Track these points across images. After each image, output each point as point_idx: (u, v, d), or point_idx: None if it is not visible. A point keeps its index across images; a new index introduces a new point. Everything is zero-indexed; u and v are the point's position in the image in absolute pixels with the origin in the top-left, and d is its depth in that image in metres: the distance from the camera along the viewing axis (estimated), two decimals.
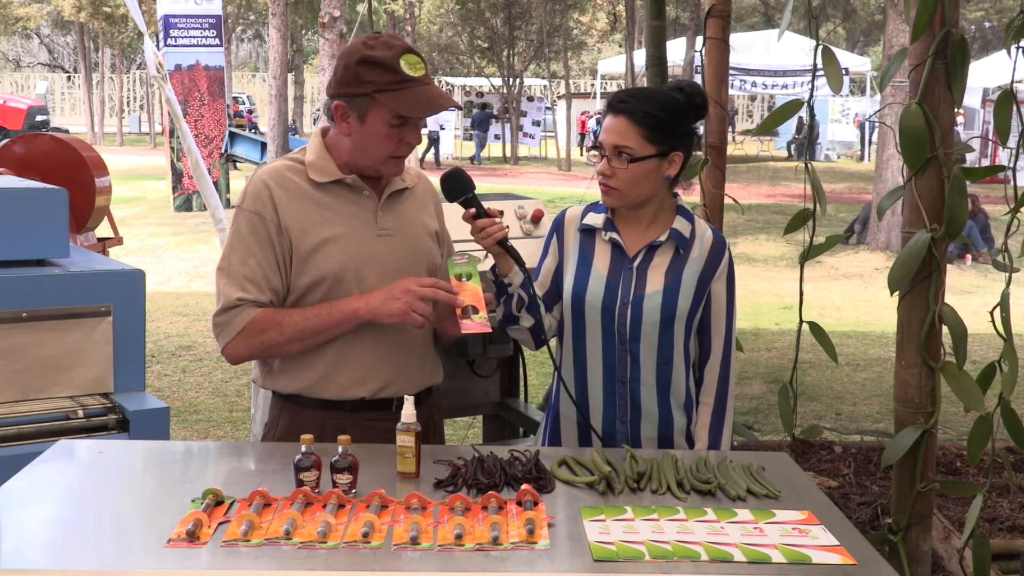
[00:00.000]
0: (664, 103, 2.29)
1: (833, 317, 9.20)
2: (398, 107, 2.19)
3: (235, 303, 2.23)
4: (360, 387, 2.30)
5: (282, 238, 2.26)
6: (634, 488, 2.00)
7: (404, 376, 2.33)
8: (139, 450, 2.31)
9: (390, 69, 2.19)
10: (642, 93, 2.33)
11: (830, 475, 4.37)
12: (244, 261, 2.25)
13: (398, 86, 2.19)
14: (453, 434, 5.32)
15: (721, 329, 2.41)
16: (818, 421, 5.89)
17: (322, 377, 2.30)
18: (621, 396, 2.37)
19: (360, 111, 2.24)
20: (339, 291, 2.26)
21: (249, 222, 2.27)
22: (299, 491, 1.86)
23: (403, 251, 2.33)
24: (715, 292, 2.39)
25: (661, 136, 2.29)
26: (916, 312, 2.84)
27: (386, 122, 2.22)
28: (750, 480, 2.03)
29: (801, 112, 3.39)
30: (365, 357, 2.30)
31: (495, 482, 1.96)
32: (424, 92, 2.21)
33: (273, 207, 2.26)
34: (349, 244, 2.28)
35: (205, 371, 6.95)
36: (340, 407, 2.30)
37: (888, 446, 2.91)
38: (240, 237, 2.28)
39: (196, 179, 5.57)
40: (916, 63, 2.80)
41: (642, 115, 2.27)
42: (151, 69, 5.74)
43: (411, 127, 2.26)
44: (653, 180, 2.32)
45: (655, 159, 2.29)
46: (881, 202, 3.05)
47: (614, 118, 2.30)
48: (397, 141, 2.25)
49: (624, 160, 2.28)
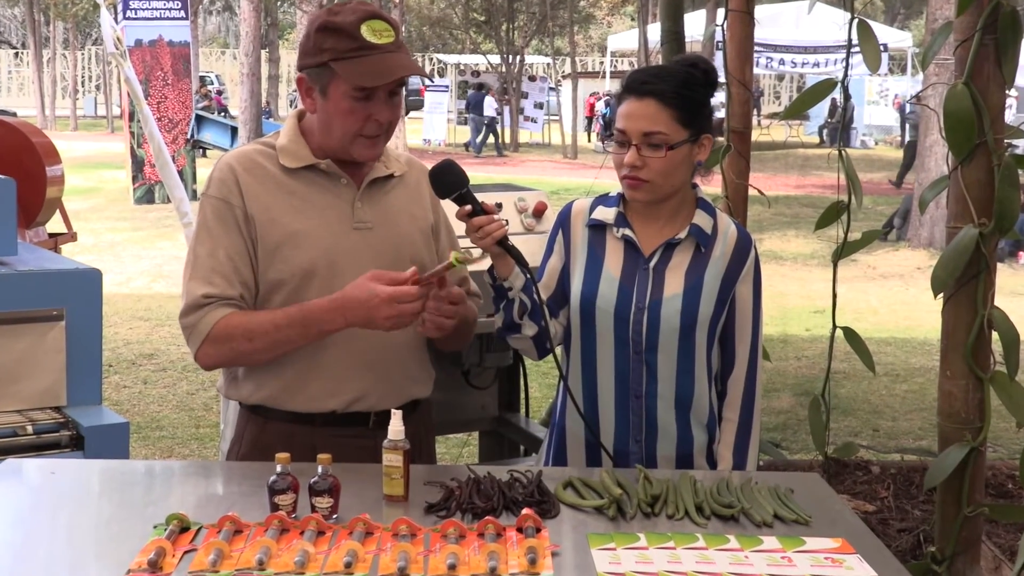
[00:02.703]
0: (687, 81, 2.30)
1: (870, 322, 9.20)
2: (349, 76, 2.18)
3: (200, 301, 2.23)
4: (331, 398, 2.30)
5: (250, 227, 2.26)
6: (648, 513, 1.99)
7: (383, 387, 2.32)
8: (95, 470, 2.31)
9: (349, 35, 2.19)
10: (663, 72, 2.33)
11: (867, 498, 4.37)
12: (211, 252, 2.25)
13: (355, 54, 2.19)
14: (446, 452, 5.32)
15: (747, 337, 2.41)
16: (853, 438, 5.88)
17: (289, 386, 2.29)
18: (635, 412, 2.36)
19: (322, 83, 2.24)
20: (308, 291, 2.25)
21: (215, 210, 2.27)
22: (274, 516, 1.86)
23: (384, 247, 2.32)
24: (740, 295, 2.39)
25: (692, 117, 2.29)
26: (962, 316, 2.84)
27: (348, 95, 2.21)
28: (777, 504, 2.03)
29: (834, 93, 3.40)
30: (338, 364, 2.29)
31: (493, 506, 1.96)
32: (383, 60, 2.20)
33: (239, 193, 2.26)
34: (321, 238, 2.27)
35: (169, 382, 6.95)
36: (309, 420, 2.30)
37: (931, 466, 2.91)
38: (205, 227, 2.27)
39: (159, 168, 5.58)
40: (962, 38, 2.80)
41: (673, 96, 2.27)
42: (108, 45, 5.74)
43: (378, 102, 2.23)
44: (686, 168, 2.33)
45: (688, 144, 2.30)
46: (923, 194, 3.05)
47: (638, 101, 2.29)
48: (363, 117, 2.23)
49: (659, 148, 2.27)
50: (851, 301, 9.87)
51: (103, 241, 12.81)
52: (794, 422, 6.32)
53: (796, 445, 5.84)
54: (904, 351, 8.25)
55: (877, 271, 11.85)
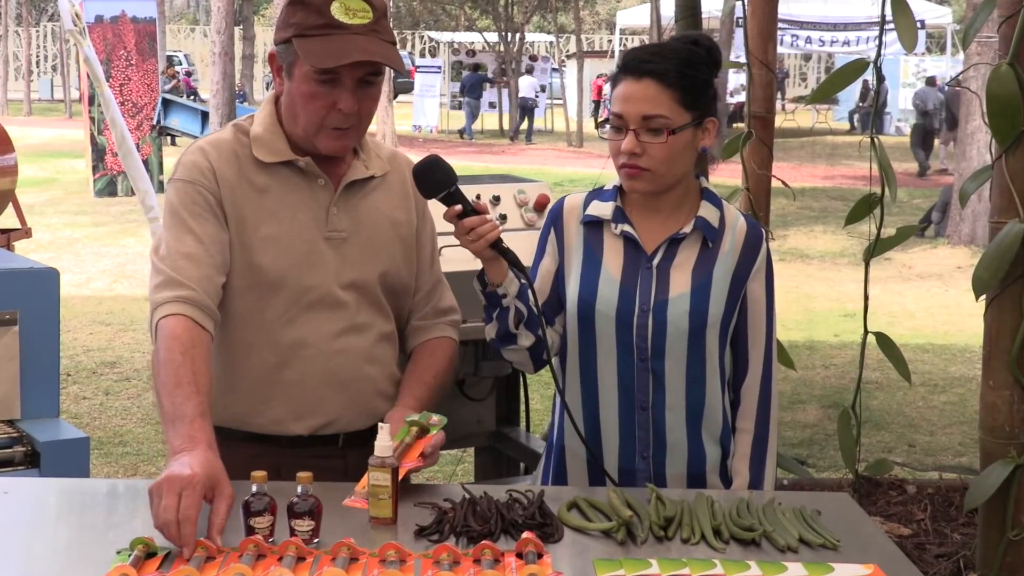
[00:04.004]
0: (690, 60, 2.29)
1: (905, 327, 9.21)
2: (305, 55, 2.17)
3: (164, 300, 2.17)
4: (297, 422, 2.29)
5: (222, 216, 2.24)
6: (660, 536, 1.99)
7: (353, 410, 2.32)
8: (52, 490, 2.30)
9: (316, 11, 2.18)
10: (663, 50, 2.33)
11: (901, 520, 4.38)
12: (179, 237, 2.21)
13: (318, 31, 2.17)
14: (438, 471, 5.32)
15: (760, 339, 2.41)
16: (886, 454, 5.89)
17: (249, 408, 2.29)
18: (642, 426, 2.36)
19: (288, 62, 2.24)
20: (272, 301, 2.23)
21: (183, 193, 2.24)
22: (249, 540, 1.86)
23: (356, 260, 2.31)
24: (752, 293, 2.39)
25: (695, 99, 2.29)
26: (1007, 320, 2.84)
27: (309, 77, 2.19)
28: (803, 527, 2.04)
29: (866, 75, 3.40)
30: (304, 383, 2.28)
31: (490, 529, 1.96)
32: (346, 42, 2.17)
33: (214, 180, 2.24)
34: (292, 246, 2.25)
35: (133, 393, 6.95)
36: (274, 441, 2.30)
37: (972, 485, 2.91)
38: (172, 212, 2.25)
39: (122, 157, 5.59)
40: (1007, 14, 2.80)
41: (675, 76, 2.26)
42: (66, 22, 5.75)
43: (343, 89, 2.20)
44: (689, 155, 2.33)
45: (691, 128, 2.30)
46: (964, 185, 3.06)
47: (636, 82, 2.29)
48: (325, 105, 2.21)
49: (660, 133, 2.27)
50: (884, 304, 9.88)
51: (60, 238, 12.81)
52: (821, 437, 6.32)
53: (824, 462, 5.84)
54: (943, 359, 8.26)
55: (913, 271, 11.86)
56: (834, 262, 12.35)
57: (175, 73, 27.01)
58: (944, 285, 11.18)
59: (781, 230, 13.18)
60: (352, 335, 2.31)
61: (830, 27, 22.74)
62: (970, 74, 11.01)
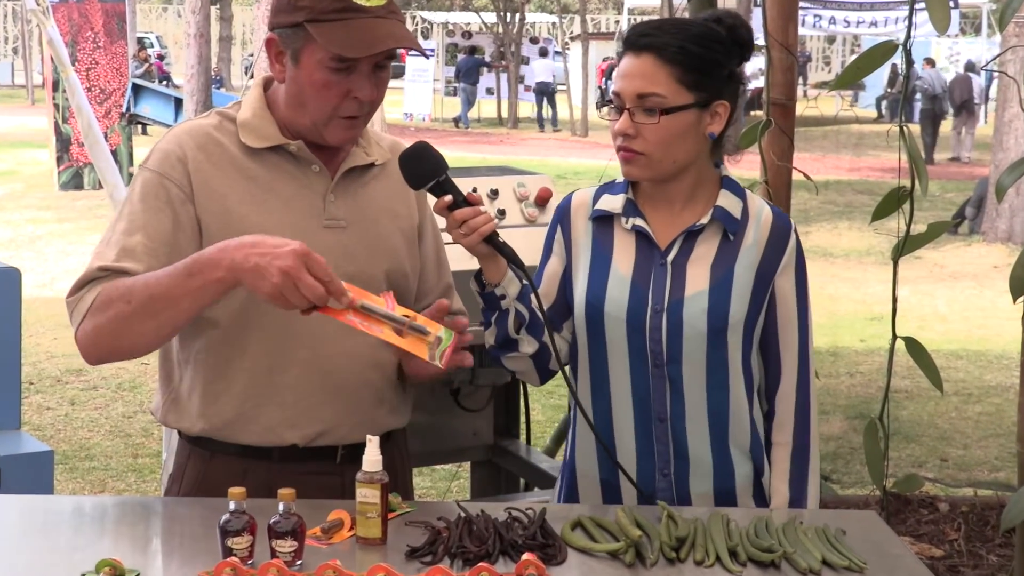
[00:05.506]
0: (701, 36, 2.27)
1: (937, 331, 9.22)
2: (328, 42, 2.16)
3: (94, 274, 2.17)
4: (291, 430, 2.29)
5: (188, 214, 2.23)
6: (672, 558, 1.99)
7: (352, 419, 2.31)
8: (13, 507, 2.31)
9: None
10: (667, 23, 2.32)
11: (933, 540, 4.38)
12: (129, 231, 2.22)
13: (336, 16, 2.17)
14: (431, 487, 5.33)
15: (792, 341, 2.38)
16: (917, 469, 5.90)
17: (239, 415, 2.28)
18: (660, 440, 2.34)
19: (294, 48, 2.23)
20: (263, 305, 2.17)
21: (146, 185, 2.25)
22: (226, 563, 1.86)
23: (358, 250, 2.31)
24: (780, 291, 2.36)
25: (700, 79, 2.26)
26: None
27: (324, 65, 2.20)
28: (827, 548, 2.04)
29: (895, 58, 3.40)
30: (299, 388, 2.28)
31: (487, 550, 1.96)
32: (371, 27, 2.18)
33: (185, 172, 2.25)
34: (284, 236, 2.26)
35: (101, 403, 6.96)
36: (266, 454, 2.29)
37: (1010, 502, 2.92)
38: (130, 203, 2.25)
39: (88, 147, 5.58)
40: None
41: (674, 51, 2.24)
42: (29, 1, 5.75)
43: (360, 76, 2.22)
44: (692, 140, 2.29)
45: (694, 110, 2.27)
46: (1001, 178, 3.06)
47: (635, 58, 2.27)
48: (340, 94, 2.22)
49: (653, 113, 2.25)
50: (914, 306, 9.89)
51: (22, 234, 12.82)
52: (846, 450, 6.32)
53: (849, 478, 5.84)
54: (978, 366, 8.27)
55: (945, 270, 11.87)
56: (860, 261, 12.36)
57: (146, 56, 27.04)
58: (979, 286, 11.19)
59: (803, 227, 13.17)
60: (353, 336, 2.29)
61: (856, 7, 22.76)
62: (1007, 57, 11.01)
